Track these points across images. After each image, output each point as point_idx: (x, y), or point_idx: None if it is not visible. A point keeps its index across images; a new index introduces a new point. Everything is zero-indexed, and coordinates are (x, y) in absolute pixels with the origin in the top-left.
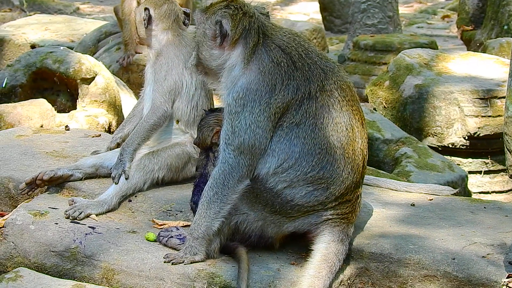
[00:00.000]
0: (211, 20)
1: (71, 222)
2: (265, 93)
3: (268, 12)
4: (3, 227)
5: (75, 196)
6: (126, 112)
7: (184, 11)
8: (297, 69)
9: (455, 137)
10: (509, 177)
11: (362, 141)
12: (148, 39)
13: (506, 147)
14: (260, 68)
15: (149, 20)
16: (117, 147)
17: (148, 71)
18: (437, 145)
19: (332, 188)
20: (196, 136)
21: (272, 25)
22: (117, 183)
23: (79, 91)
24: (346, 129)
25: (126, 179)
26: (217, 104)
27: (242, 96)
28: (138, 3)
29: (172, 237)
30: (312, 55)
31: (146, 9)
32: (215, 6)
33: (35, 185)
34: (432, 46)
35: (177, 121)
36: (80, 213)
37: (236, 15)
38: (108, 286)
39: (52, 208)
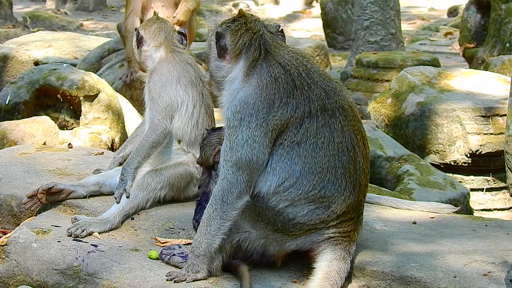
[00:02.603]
0: (214, 34)
1: (73, 240)
2: (262, 108)
3: (282, 30)
4: (5, 245)
5: (78, 214)
6: (129, 129)
7: (179, 31)
8: (297, 87)
9: (457, 154)
10: (510, 195)
11: (363, 160)
12: (144, 61)
13: (507, 166)
14: (259, 82)
15: (140, 41)
16: (120, 167)
17: (145, 91)
18: (439, 163)
19: (334, 206)
20: (198, 156)
21: (277, 43)
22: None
23: (82, 108)
24: (347, 148)
25: (127, 197)
26: (218, 121)
27: (239, 110)
28: (141, 21)
29: (174, 255)
30: (313, 75)
31: (136, 29)
32: (219, 23)
33: (37, 199)
34: (435, 63)
35: (179, 141)
36: (83, 231)
37: (238, 30)
38: None
39: (54, 226)
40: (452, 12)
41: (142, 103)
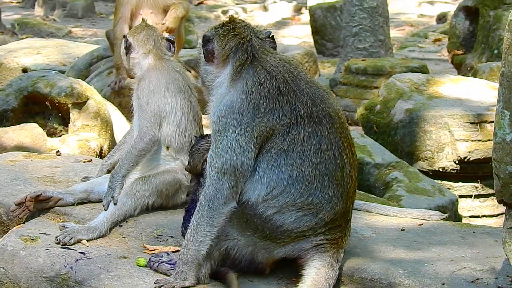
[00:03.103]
0: (202, 38)
1: (61, 247)
2: (247, 112)
3: (272, 37)
4: None
5: (66, 221)
6: (117, 136)
7: (167, 38)
8: (282, 93)
9: (446, 161)
10: (498, 202)
11: (351, 168)
12: (133, 68)
13: (495, 173)
14: (244, 87)
15: (129, 48)
16: (108, 174)
17: (133, 99)
18: (428, 169)
19: (322, 213)
20: (187, 163)
21: (264, 49)
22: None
23: (71, 115)
24: (334, 156)
25: (115, 204)
26: (206, 128)
27: (224, 114)
28: (130, 28)
29: (162, 262)
30: (300, 82)
31: (124, 36)
32: (215, 25)
33: (25, 207)
34: (423, 70)
35: (167, 148)
36: (71, 239)
37: (225, 35)
38: None
39: (43, 233)
40: (441, 18)
41: (130, 110)
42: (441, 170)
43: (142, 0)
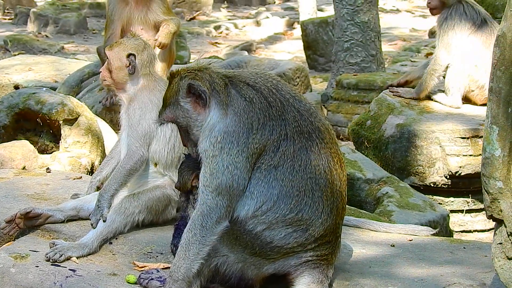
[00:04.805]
0: (182, 95)
1: (51, 264)
2: (242, 133)
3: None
4: None
5: (56, 238)
6: (108, 152)
7: None
8: (271, 105)
9: (437, 176)
10: (487, 218)
11: (341, 183)
12: (124, 83)
13: (484, 188)
14: (235, 109)
15: (134, 67)
16: (97, 191)
17: (122, 116)
18: (419, 184)
19: (311, 229)
20: (176, 180)
21: (227, 71)
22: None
23: (62, 132)
24: (324, 171)
25: (104, 221)
26: None
27: (220, 140)
28: None
29: (152, 279)
30: (283, 92)
31: (130, 55)
32: (171, 91)
33: (15, 224)
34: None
35: (155, 164)
36: (61, 256)
37: (195, 75)
38: None
39: (32, 251)
40: (434, 33)
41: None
42: (432, 185)
43: (133, 16)
